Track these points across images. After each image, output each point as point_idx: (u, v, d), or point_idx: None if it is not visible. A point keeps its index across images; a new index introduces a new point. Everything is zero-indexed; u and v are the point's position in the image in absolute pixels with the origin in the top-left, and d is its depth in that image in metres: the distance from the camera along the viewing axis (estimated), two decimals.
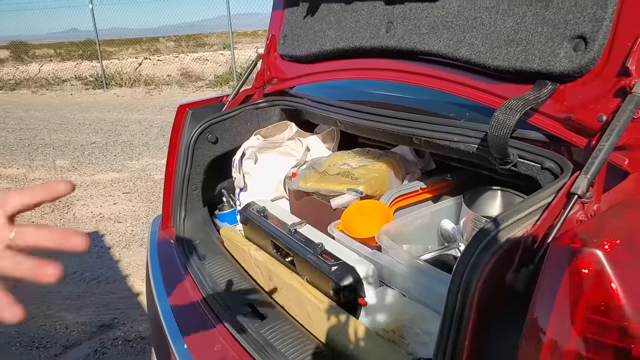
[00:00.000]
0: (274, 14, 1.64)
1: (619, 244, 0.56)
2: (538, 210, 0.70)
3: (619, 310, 0.53)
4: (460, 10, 1.01)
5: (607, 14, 0.76)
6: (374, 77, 1.28)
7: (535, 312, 0.59)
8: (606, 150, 0.69)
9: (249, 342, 1.06)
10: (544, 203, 0.70)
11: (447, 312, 0.66)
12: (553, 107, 0.84)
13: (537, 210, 0.70)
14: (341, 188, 1.26)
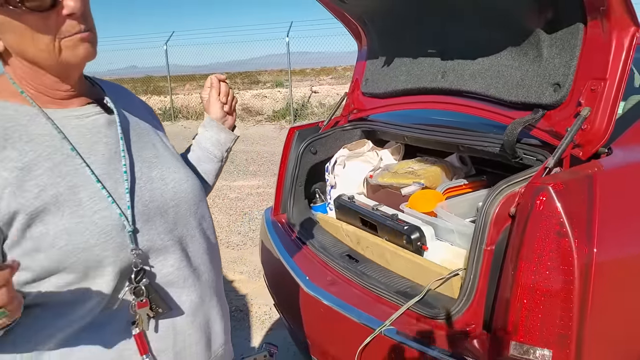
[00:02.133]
0: (357, 64, 2.30)
1: (562, 186, 1.13)
2: (529, 178, 1.28)
3: (560, 214, 1.11)
4: (489, 66, 1.62)
5: (570, 73, 1.35)
6: (432, 107, 1.90)
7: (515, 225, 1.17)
8: (564, 145, 1.26)
9: (349, 272, 1.66)
10: (532, 173, 1.28)
11: (477, 226, 1.24)
12: (542, 124, 1.43)
13: (528, 177, 1.28)
14: (408, 182, 1.87)
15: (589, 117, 1.27)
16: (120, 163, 0.91)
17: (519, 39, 1.51)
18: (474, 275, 1.26)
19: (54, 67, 0.84)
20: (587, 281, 1.08)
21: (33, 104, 0.85)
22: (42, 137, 0.84)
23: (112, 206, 0.85)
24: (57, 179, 0.82)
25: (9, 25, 0.78)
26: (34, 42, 0.79)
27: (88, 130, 0.89)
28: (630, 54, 1.23)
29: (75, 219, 0.81)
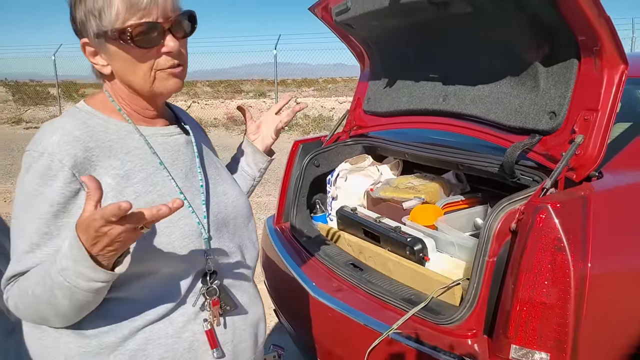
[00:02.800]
0: (360, 83, 2.43)
1: (559, 205, 1.26)
2: (528, 197, 1.41)
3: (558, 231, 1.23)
4: (489, 92, 1.76)
5: (565, 103, 1.49)
6: (433, 128, 2.03)
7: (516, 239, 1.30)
8: (560, 168, 1.40)
9: (354, 280, 1.77)
10: (531, 192, 1.41)
11: (481, 239, 1.37)
12: (539, 148, 1.57)
13: (527, 197, 1.41)
14: (409, 196, 1.99)
15: (582, 144, 1.41)
16: (197, 178, 1.06)
17: (518, 69, 1.65)
18: (477, 284, 1.38)
19: (147, 93, 0.98)
20: (582, 292, 1.21)
21: (129, 120, 1.00)
22: (137, 150, 0.98)
23: (192, 215, 0.99)
24: (150, 187, 0.96)
25: (118, 55, 0.93)
26: (135, 70, 0.94)
27: (171, 147, 1.04)
28: (620, 89, 1.38)
29: (164, 223, 0.91)
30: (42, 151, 0.89)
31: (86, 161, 0.90)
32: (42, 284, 0.84)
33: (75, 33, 0.96)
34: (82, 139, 0.91)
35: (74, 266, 0.80)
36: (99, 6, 0.89)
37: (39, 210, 0.88)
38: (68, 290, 0.82)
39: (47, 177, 0.88)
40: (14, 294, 0.89)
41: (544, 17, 1.45)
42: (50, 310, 0.86)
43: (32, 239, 0.88)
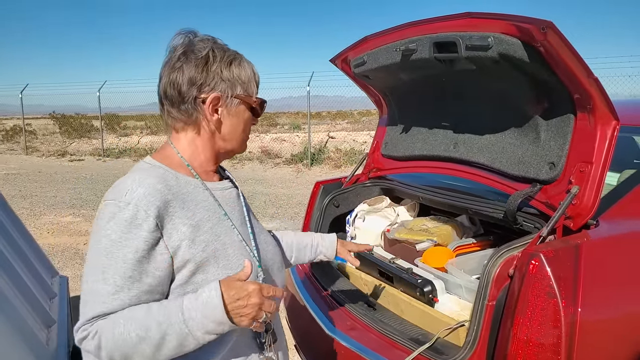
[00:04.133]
0: (379, 128, 2.57)
1: (552, 253, 1.35)
2: (526, 244, 1.50)
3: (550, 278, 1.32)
4: (495, 142, 1.87)
5: (563, 155, 1.59)
6: (444, 173, 2.14)
7: (512, 284, 1.38)
8: (556, 218, 1.49)
9: (367, 319, 1.87)
10: (529, 239, 1.50)
11: (480, 283, 1.46)
12: (540, 197, 1.66)
13: (525, 244, 1.50)
14: (422, 238, 2.09)
15: (578, 194, 1.50)
16: (247, 227, 1.19)
17: (520, 121, 1.76)
18: (477, 326, 1.46)
19: (234, 149, 1.20)
20: (573, 336, 1.28)
21: (196, 176, 1.14)
22: (204, 202, 1.10)
23: (250, 255, 1.13)
24: (215, 236, 1.07)
25: (239, 115, 1.16)
26: (242, 130, 1.18)
27: (228, 200, 1.18)
28: (613, 143, 1.47)
29: (226, 271, 1.05)
30: (128, 202, 0.98)
31: (166, 212, 1.01)
32: (154, 329, 0.94)
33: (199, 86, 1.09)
34: (162, 191, 1.02)
35: (202, 319, 0.94)
36: (246, 78, 1.14)
37: (124, 256, 0.96)
38: (184, 338, 0.95)
39: (132, 226, 0.97)
40: (105, 336, 0.94)
41: (541, 76, 1.56)
42: (149, 352, 0.95)
43: (117, 282, 0.96)
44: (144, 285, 0.98)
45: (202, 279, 1.03)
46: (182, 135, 1.15)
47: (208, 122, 1.13)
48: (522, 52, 1.47)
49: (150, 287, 0.99)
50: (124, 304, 0.97)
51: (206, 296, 0.95)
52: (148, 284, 0.99)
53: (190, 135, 1.14)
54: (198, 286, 1.01)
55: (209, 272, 1.03)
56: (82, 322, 0.97)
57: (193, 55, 1.10)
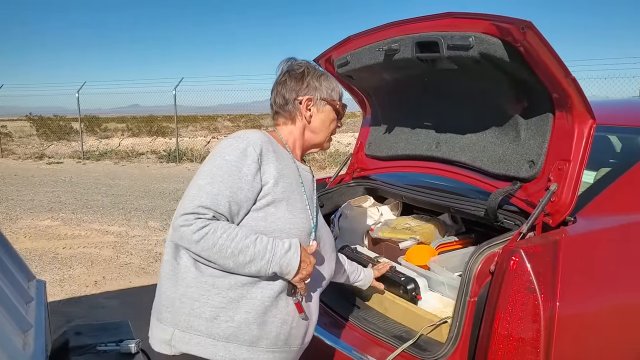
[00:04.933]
0: (362, 129, 2.58)
1: (532, 250, 1.38)
2: (506, 241, 1.52)
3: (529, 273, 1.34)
4: (476, 141, 1.90)
5: (543, 153, 1.62)
6: (427, 172, 2.16)
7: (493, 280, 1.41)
8: (536, 215, 1.52)
9: (351, 317, 1.87)
10: (510, 236, 1.53)
11: (462, 280, 1.48)
12: (520, 194, 1.69)
13: (506, 240, 1.52)
14: (405, 237, 2.11)
15: (556, 192, 1.53)
16: (314, 203, 1.55)
17: (501, 120, 1.79)
18: (459, 322, 1.48)
19: (316, 144, 1.62)
20: (551, 330, 1.31)
21: (290, 153, 1.54)
22: (290, 167, 1.49)
23: (309, 218, 1.47)
24: (290, 190, 1.44)
25: (326, 115, 1.58)
26: (326, 128, 1.60)
27: (305, 178, 1.54)
28: (590, 141, 1.51)
29: (290, 214, 1.41)
30: (243, 139, 1.40)
31: (266, 155, 1.40)
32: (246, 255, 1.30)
33: (297, 91, 1.54)
34: (266, 142, 1.43)
35: (280, 267, 1.33)
36: (332, 87, 1.58)
37: (231, 172, 1.34)
38: (262, 271, 1.32)
39: (243, 154, 1.36)
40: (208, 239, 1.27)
41: (521, 76, 1.59)
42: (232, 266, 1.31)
43: (220, 188, 1.32)
44: (237, 197, 1.34)
45: (273, 211, 1.38)
46: (284, 127, 1.58)
47: (302, 116, 1.55)
48: (503, 52, 1.50)
49: (240, 202, 1.34)
50: (219, 206, 1.31)
51: (291, 255, 1.34)
52: (239, 198, 1.34)
53: (289, 127, 1.57)
54: (267, 215, 1.38)
55: (278, 209, 1.39)
56: (186, 210, 1.29)
57: (293, 72, 1.56)
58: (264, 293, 1.36)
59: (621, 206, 1.61)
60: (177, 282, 1.37)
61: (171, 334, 1.36)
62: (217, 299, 1.34)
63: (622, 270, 1.48)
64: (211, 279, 1.34)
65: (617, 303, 1.43)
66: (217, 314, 1.33)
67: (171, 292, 1.37)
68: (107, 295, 4.24)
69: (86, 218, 6.99)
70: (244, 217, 1.37)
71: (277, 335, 1.39)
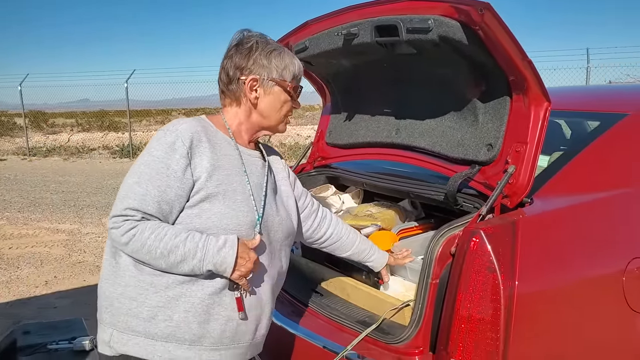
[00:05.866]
0: (322, 117, 2.57)
1: (491, 230, 1.39)
2: (466, 223, 1.54)
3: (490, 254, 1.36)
4: (435, 126, 1.91)
5: (500, 136, 1.64)
6: (387, 159, 2.17)
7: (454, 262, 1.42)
8: (494, 196, 1.54)
9: (314, 305, 1.86)
10: (469, 218, 1.54)
11: (424, 262, 1.48)
12: (479, 178, 1.71)
13: (466, 222, 1.54)
14: (367, 224, 2.11)
15: (514, 174, 1.56)
16: (262, 191, 1.44)
17: (460, 105, 1.81)
18: (422, 305, 1.49)
19: (270, 127, 1.48)
20: (511, 309, 1.33)
21: (232, 137, 1.43)
22: (229, 156, 1.39)
23: (252, 210, 1.36)
24: (229, 182, 1.34)
25: (275, 96, 1.43)
26: (278, 109, 1.45)
27: (252, 164, 1.44)
28: (545, 123, 1.54)
29: (227, 209, 1.31)
30: (172, 131, 1.30)
31: (197, 147, 1.31)
32: (177, 255, 1.23)
33: (241, 69, 1.40)
34: (199, 132, 1.33)
35: (214, 266, 1.25)
36: (284, 65, 1.42)
37: (158, 169, 1.26)
38: (195, 270, 1.25)
39: (171, 149, 1.27)
40: (136, 241, 1.22)
41: (478, 58, 1.61)
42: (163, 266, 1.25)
43: (148, 187, 1.25)
44: (167, 196, 1.26)
45: (208, 207, 1.30)
46: (229, 109, 1.46)
47: (247, 98, 1.42)
48: (461, 34, 1.51)
49: (170, 200, 1.27)
50: (147, 207, 1.24)
51: (225, 252, 1.25)
52: (169, 197, 1.27)
53: (234, 109, 1.45)
54: (201, 211, 1.30)
55: (213, 204, 1.30)
56: (115, 213, 1.25)
57: (241, 46, 1.41)
58: (204, 290, 1.30)
59: (575, 187, 1.65)
60: (115, 281, 1.31)
61: (110, 334, 1.31)
62: (154, 298, 1.28)
63: (578, 248, 1.52)
64: (149, 277, 1.28)
65: (574, 280, 1.47)
66: (155, 314, 1.28)
67: (110, 292, 1.32)
68: (59, 294, 4.07)
69: (34, 217, 6.68)
70: (179, 215, 1.30)
71: (222, 333, 1.33)
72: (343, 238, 1.79)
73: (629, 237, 1.59)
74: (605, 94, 2.58)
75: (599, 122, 1.92)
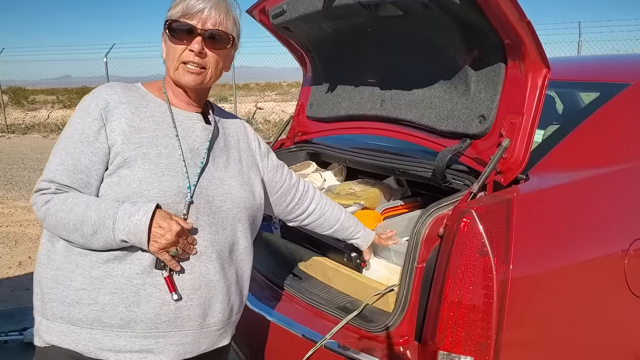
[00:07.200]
0: (303, 88, 2.40)
1: (484, 210, 1.26)
2: (456, 201, 1.41)
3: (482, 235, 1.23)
4: (423, 97, 1.76)
5: (494, 107, 1.50)
6: (371, 133, 2.02)
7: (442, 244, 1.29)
8: (487, 173, 1.41)
9: (292, 289, 1.73)
10: (459, 197, 1.41)
11: (409, 245, 1.35)
12: (470, 152, 1.57)
13: (455, 201, 1.41)
14: (349, 202, 1.97)
15: (509, 147, 1.42)
16: (200, 157, 1.26)
17: (450, 73, 1.66)
18: (407, 290, 1.36)
19: (172, 78, 1.26)
20: (504, 295, 1.21)
21: (166, 100, 1.28)
22: (158, 118, 1.24)
23: (183, 176, 1.19)
24: (152, 144, 1.19)
25: (167, 43, 1.24)
26: (170, 57, 1.24)
27: (189, 127, 1.28)
28: (543, 92, 1.40)
29: (148, 173, 1.15)
30: (91, 96, 1.21)
31: (114, 109, 1.19)
32: (88, 225, 1.09)
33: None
34: (119, 94, 1.21)
35: (127, 234, 1.09)
36: (175, 4, 1.23)
37: (71, 135, 1.17)
38: (109, 241, 1.10)
39: (84, 113, 1.18)
40: (50, 215, 1.12)
41: (471, 20, 1.45)
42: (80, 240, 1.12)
43: (62, 156, 1.15)
44: (81, 164, 1.15)
45: (127, 173, 1.15)
46: None
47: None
48: None
49: (86, 169, 1.15)
50: (61, 177, 1.14)
51: (137, 219, 1.09)
52: (84, 165, 1.15)
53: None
54: (120, 179, 1.15)
55: (132, 170, 1.15)
56: (35, 189, 1.17)
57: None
58: (132, 269, 1.14)
59: (573, 162, 1.53)
60: (48, 265, 1.18)
61: (39, 323, 1.19)
62: (79, 280, 1.14)
63: (577, 229, 1.40)
64: (76, 257, 1.15)
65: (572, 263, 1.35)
66: (80, 297, 1.14)
67: (41, 277, 1.19)
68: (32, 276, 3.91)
69: (10, 195, 6.46)
70: (100, 185, 1.17)
71: (157, 317, 1.16)
72: (327, 214, 1.64)
73: (631, 217, 1.47)
74: (604, 63, 2.45)
75: (598, 92, 1.78)
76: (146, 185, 1.14)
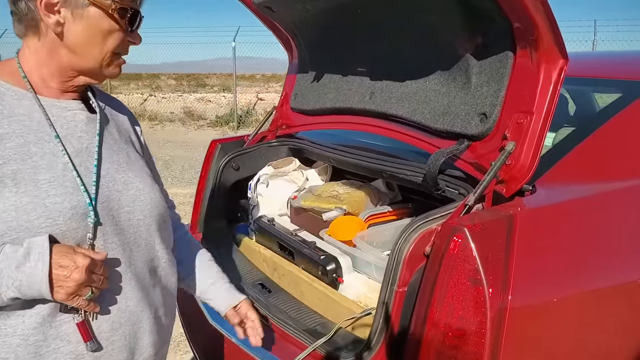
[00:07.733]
0: (288, 77, 2.17)
1: (479, 228, 1.04)
2: (448, 214, 1.18)
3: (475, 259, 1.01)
4: (417, 90, 1.53)
5: (498, 103, 1.27)
6: (359, 129, 1.79)
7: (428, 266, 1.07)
8: (487, 182, 1.18)
9: (260, 305, 1.51)
10: (452, 209, 1.19)
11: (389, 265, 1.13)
12: (467, 156, 1.34)
13: (447, 214, 1.18)
14: (330, 206, 1.74)
15: (513, 152, 1.19)
16: (92, 158, 0.96)
17: (448, 63, 1.43)
18: (384, 318, 1.14)
19: (89, 69, 0.95)
20: (500, 328, 0.99)
21: (30, 89, 0.93)
22: (22, 116, 0.91)
23: (77, 191, 0.89)
24: (23, 156, 0.87)
25: (92, 22, 0.90)
26: (94, 46, 0.92)
27: (70, 122, 0.96)
28: (558, 88, 1.17)
29: (26, 198, 0.85)
30: None
31: None
32: None
33: None
34: None
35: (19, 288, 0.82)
36: None
37: None
38: None
39: None
40: None
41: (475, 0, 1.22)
42: None
43: None
44: None
45: None
46: (25, 42, 0.95)
47: (47, 25, 0.90)
48: None
49: None
50: None
51: (29, 267, 0.81)
52: None
53: (32, 41, 0.93)
54: None
55: (3, 196, 0.84)
56: None
57: None
58: (25, 324, 0.87)
59: (590, 173, 1.30)
60: None
61: None
62: None
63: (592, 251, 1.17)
64: None
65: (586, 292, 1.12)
66: None
67: None
68: None
69: None
70: None
71: None
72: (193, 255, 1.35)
73: None
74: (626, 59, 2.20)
75: (619, 92, 1.54)
76: (26, 215, 0.84)
